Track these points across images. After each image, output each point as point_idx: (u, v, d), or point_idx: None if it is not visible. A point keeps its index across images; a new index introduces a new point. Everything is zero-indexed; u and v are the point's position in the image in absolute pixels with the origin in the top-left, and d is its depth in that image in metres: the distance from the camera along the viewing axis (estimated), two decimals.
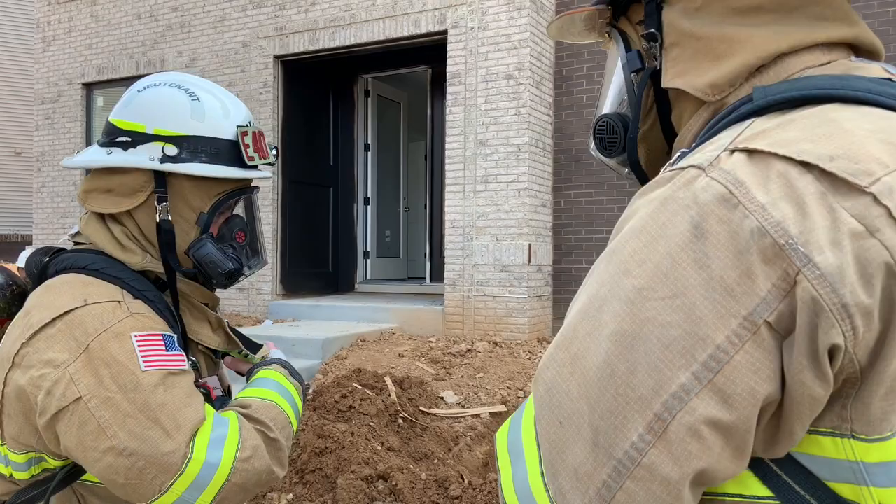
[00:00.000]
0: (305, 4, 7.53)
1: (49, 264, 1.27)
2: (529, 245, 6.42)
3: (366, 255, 8.91)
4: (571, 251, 6.85)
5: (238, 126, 1.30)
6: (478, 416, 4.75)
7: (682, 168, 0.62)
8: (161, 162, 1.24)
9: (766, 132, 0.60)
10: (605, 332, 0.59)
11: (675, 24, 0.75)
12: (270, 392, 1.31)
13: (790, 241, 0.54)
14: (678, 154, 0.68)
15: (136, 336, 1.15)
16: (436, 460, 3.98)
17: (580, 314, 0.62)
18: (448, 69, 6.75)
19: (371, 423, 4.18)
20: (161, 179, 1.26)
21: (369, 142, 8.87)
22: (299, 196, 8.09)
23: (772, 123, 0.62)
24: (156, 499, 1.11)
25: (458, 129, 6.68)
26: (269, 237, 7.72)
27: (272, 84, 7.74)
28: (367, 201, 8.90)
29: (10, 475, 1.20)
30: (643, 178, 0.83)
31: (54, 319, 1.15)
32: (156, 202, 1.26)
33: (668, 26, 0.75)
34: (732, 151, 0.60)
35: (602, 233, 6.64)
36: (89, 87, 9.13)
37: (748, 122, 0.64)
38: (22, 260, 1.35)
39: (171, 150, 1.24)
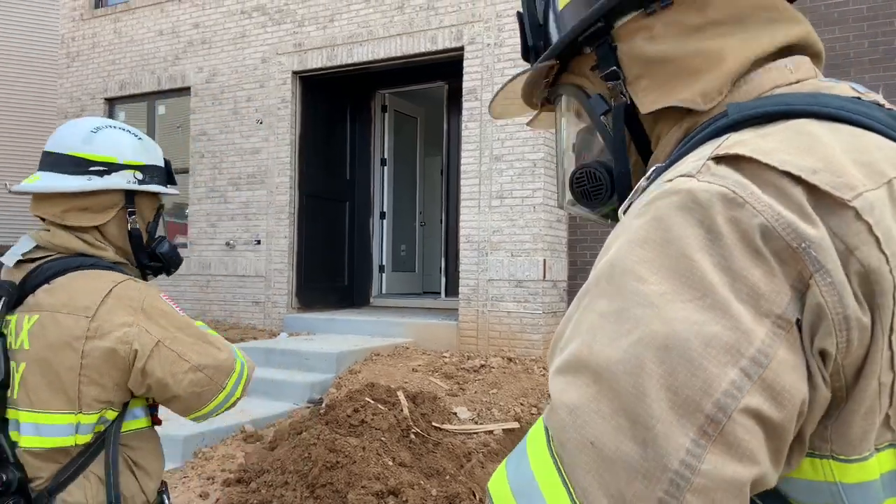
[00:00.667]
0: (324, 21, 7.62)
1: (28, 279, 1.51)
2: (544, 260, 6.40)
3: (381, 269, 8.94)
4: (587, 267, 6.82)
5: (164, 157, 1.74)
6: (491, 432, 4.72)
7: (669, 180, 0.60)
8: (138, 184, 1.62)
9: (745, 142, 0.60)
10: (631, 340, 0.53)
11: (639, 54, 0.74)
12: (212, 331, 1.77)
13: (803, 245, 0.53)
14: (653, 169, 0.67)
15: (163, 296, 1.58)
16: (447, 476, 3.96)
17: (593, 330, 0.56)
18: (464, 85, 6.79)
19: (383, 438, 4.17)
20: (131, 198, 1.64)
21: (386, 156, 8.92)
22: (316, 210, 8.15)
23: (748, 136, 0.61)
24: (215, 397, 1.56)
25: (473, 145, 6.70)
26: (284, 251, 7.78)
27: (290, 99, 7.83)
28: (382, 216, 8.94)
29: (74, 443, 1.46)
30: None
31: (104, 298, 1.48)
32: (127, 216, 1.63)
33: (630, 60, 0.75)
34: (717, 160, 0.59)
35: None
36: (112, 102, 9.29)
37: (725, 136, 0.63)
38: (8, 257, 1.56)
39: (139, 175, 1.64)
